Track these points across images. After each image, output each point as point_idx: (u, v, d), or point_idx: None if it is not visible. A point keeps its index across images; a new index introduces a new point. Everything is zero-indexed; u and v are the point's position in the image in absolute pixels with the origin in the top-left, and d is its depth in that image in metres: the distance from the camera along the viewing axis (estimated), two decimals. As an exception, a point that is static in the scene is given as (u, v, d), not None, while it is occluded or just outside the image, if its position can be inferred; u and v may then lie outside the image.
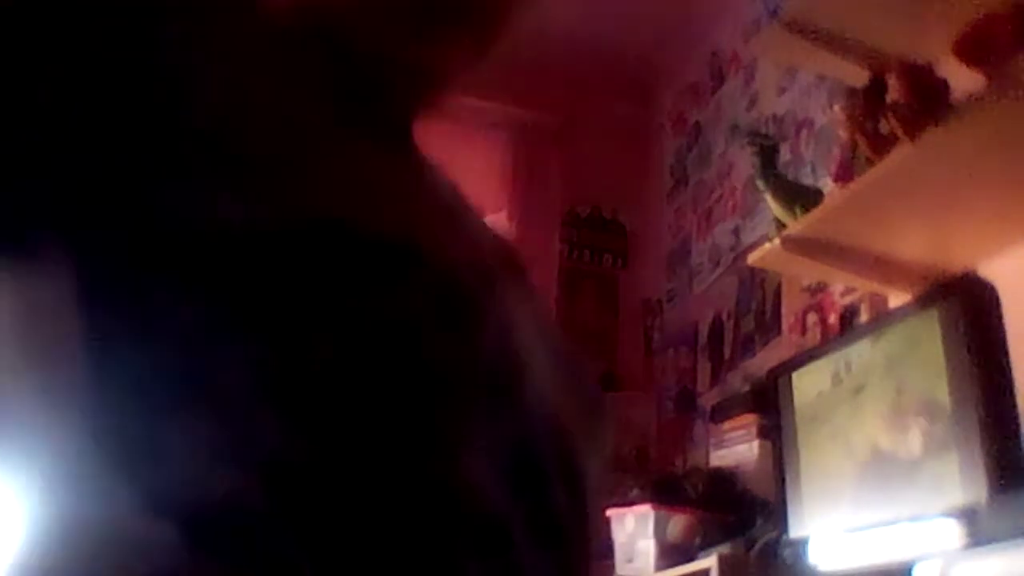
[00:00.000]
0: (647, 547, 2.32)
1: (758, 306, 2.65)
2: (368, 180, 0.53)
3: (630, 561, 2.38)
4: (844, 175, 1.74)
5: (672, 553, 2.27)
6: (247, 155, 0.48)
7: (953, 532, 1.46)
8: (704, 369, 2.92)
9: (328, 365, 0.45)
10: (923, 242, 1.76)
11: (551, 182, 3.41)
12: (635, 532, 2.37)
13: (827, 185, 1.92)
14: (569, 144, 3.42)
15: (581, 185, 3.46)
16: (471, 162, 3.32)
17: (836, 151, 1.83)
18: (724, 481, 2.34)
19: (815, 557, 1.81)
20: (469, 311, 0.51)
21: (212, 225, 0.44)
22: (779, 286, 2.54)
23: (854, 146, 1.72)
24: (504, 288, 0.56)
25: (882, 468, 1.64)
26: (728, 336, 2.81)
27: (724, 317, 2.85)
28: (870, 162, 1.65)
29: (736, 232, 2.87)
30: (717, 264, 2.97)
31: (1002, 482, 1.39)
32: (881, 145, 1.62)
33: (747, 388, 2.42)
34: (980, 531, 1.41)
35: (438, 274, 0.50)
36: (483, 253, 0.57)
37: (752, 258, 1.98)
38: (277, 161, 0.48)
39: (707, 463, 2.54)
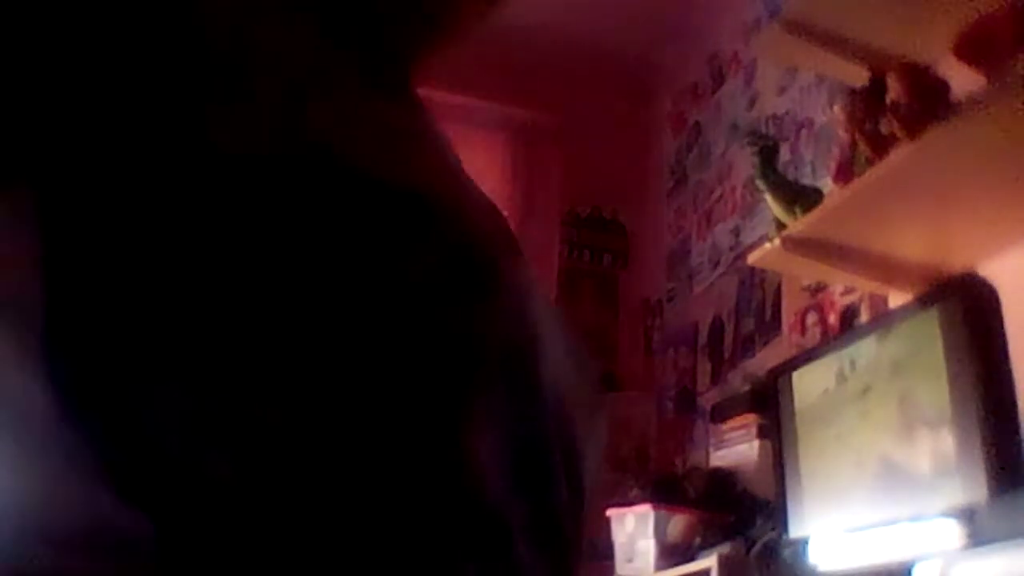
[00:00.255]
0: (647, 547, 2.32)
1: (758, 306, 2.65)
2: (375, 122, 0.48)
3: (630, 561, 2.38)
4: (844, 175, 1.74)
5: (672, 553, 2.27)
6: (246, 81, 0.43)
7: (953, 532, 1.46)
8: (704, 369, 2.92)
9: (324, 329, 0.39)
10: (923, 242, 1.75)
11: (551, 182, 3.41)
12: (635, 532, 2.37)
13: (827, 185, 1.91)
14: (569, 144, 3.42)
15: (581, 185, 3.46)
16: (471, 162, 3.31)
17: (836, 151, 1.83)
18: (724, 481, 2.34)
19: (815, 557, 1.81)
20: (486, 275, 0.45)
21: (201, 151, 0.39)
22: (779, 286, 2.54)
23: (854, 146, 1.72)
24: (515, 256, 0.50)
25: (883, 468, 1.64)
26: (728, 336, 2.81)
27: (724, 317, 2.85)
28: (870, 162, 1.65)
29: (736, 232, 2.88)
30: (717, 264, 2.97)
31: (1002, 482, 1.39)
32: (881, 145, 1.62)
33: (747, 388, 2.42)
34: (980, 531, 1.41)
35: (454, 231, 0.44)
36: (491, 217, 0.51)
37: (752, 258, 1.98)
38: (278, 91, 0.43)
39: (707, 463, 2.54)
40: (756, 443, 2.25)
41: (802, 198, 1.89)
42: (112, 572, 0.36)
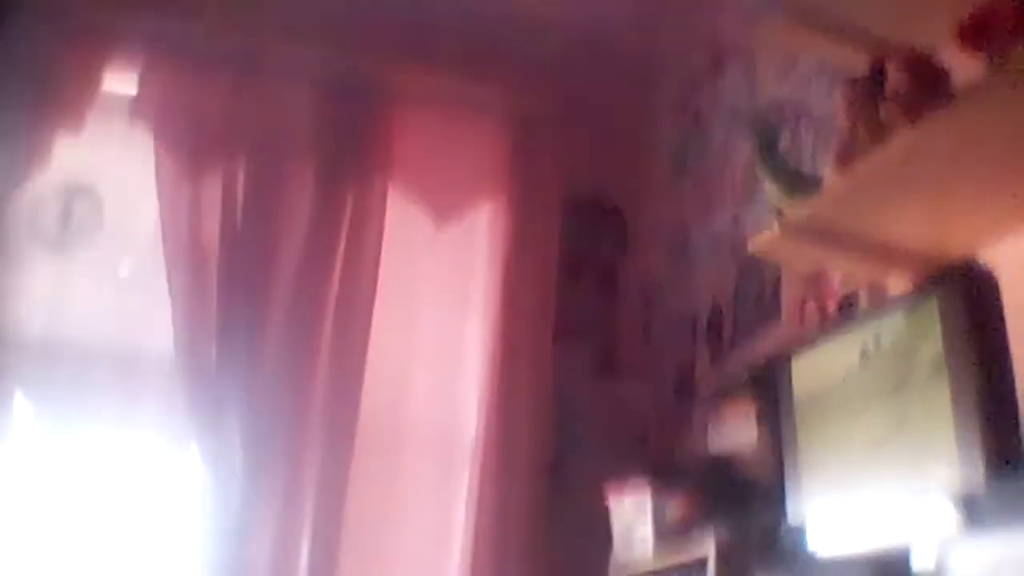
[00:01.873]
0: (645, 532, 2.33)
1: (757, 293, 2.66)
2: None
3: (628, 546, 2.40)
4: (844, 162, 1.74)
5: (670, 538, 2.28)
6: None
7: (951, 516, 1.47)
8: (703, 356, 2.93)
9: None
10: (923, 229, 1.76)
11: (551, 168, 3.41)
12: (633, 517, 2.38)
13: (827, 172, 1.92)
14: (569, 131, 3.42)
15: (581, 172, 3.46)
16: (471, 148, 3.31)
17: (836, 138, 1.84)
18: (722, 467, 2.35)
19: (814, 542, 1.82)
20: None
21: None
22: (778, 273, 2.55)
23: (854, 133, 1.72)
24: None
25: (882, 453, 1.65)
26: (727, 323, 2.81)
27: (723, 304, 2.86)
28: (870, 149, 1.65)
29: (735, 219, 2.88)
30: (716, 251, 2.97)
31: (1001, 467, 1.40)
32: (881, 132, 1.63)
33: (746, 374, 2.43)
34: (977, 516, 1.42)
35: None
36: None
37: (751, 245, 1.99)
38: None
39: (706, 449, 2.55)
40: (755, 429, 2.26)
41: (802, 185, 1.89)
42: None
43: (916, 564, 1.54)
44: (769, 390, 2.01)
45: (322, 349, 3.01)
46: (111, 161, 3.04)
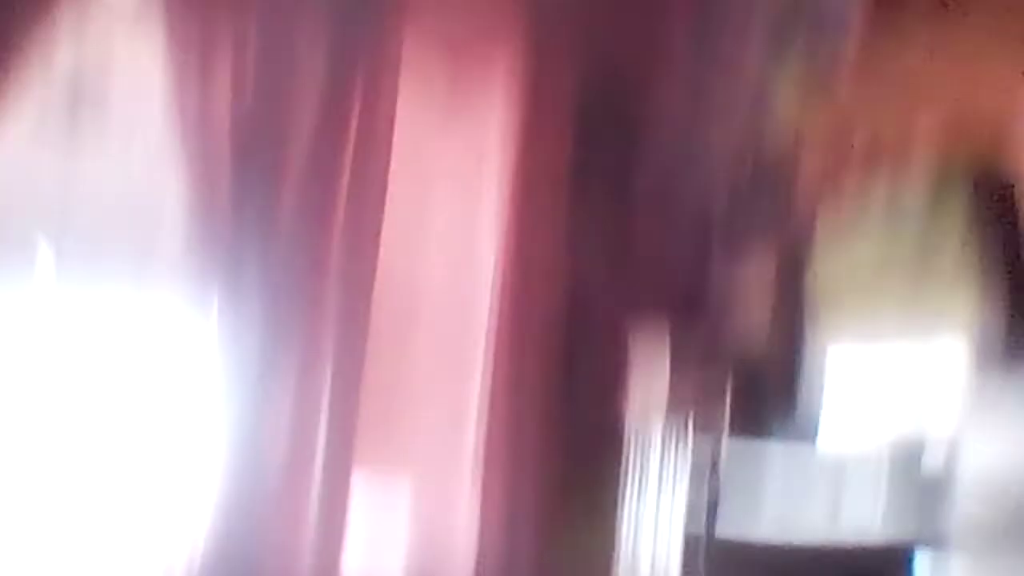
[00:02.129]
0: (662, 376, 2.37)
1: (774, 197, 2.65)
2: None
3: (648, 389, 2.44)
4: (861, 69, 1.73)
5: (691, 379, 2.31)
6: None
7: (964, 398, 1.49)
8: (720, 258, 2.93)
9: None
10: (939, 132, 1.75)
11: (562, 71, 3.37)
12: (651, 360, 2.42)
13: (843, 76, 1.91)
14: (581, 34, 3.37)
15: (591, 74, 3.41)
16: (483, 49, 3.26)
17: (852, 43, 1.82)
18: (738, 362, 2.36)
19: (826, 435, 1.85)
20: None
21: None
22: (795, 178, 2.54)
23: (869, 38, 1.71)
24: None
25: (901, 330, 1.67)
26: (743, 225, 2.81)
27: (739, 206, 2.85)
28: (885, 55, 1.64)
29: (751, 124, 2.86)
30: (733, 158, 2.96)
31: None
32: (895, 40, 1.62)
33: (766, 271, 2.44)
34: (988, 397, 1.44)
35: None
36: None
37: (768, 148, 1.98)
38: None
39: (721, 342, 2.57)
40: (770, 323, 2.27)
41: (819, 88, 1.88)
42: None
43: (927, 461, 1.57)
44: (787, 285, 2.02)
45: (337, 216, 2.99)
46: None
